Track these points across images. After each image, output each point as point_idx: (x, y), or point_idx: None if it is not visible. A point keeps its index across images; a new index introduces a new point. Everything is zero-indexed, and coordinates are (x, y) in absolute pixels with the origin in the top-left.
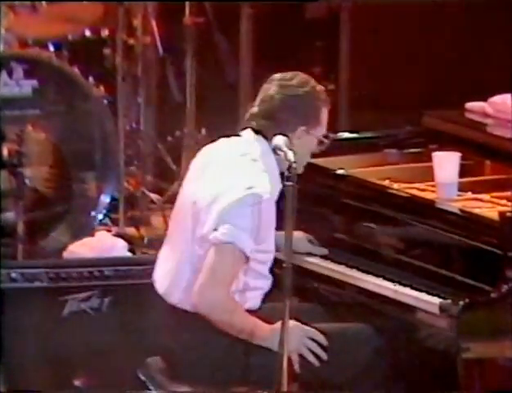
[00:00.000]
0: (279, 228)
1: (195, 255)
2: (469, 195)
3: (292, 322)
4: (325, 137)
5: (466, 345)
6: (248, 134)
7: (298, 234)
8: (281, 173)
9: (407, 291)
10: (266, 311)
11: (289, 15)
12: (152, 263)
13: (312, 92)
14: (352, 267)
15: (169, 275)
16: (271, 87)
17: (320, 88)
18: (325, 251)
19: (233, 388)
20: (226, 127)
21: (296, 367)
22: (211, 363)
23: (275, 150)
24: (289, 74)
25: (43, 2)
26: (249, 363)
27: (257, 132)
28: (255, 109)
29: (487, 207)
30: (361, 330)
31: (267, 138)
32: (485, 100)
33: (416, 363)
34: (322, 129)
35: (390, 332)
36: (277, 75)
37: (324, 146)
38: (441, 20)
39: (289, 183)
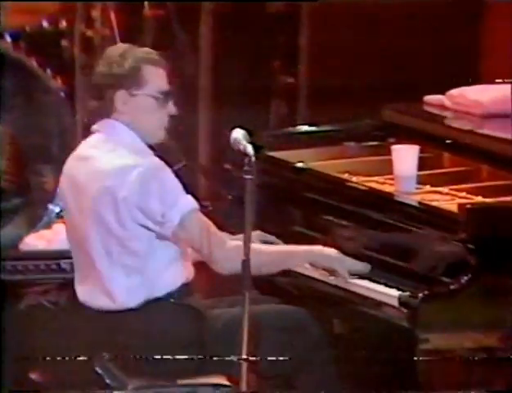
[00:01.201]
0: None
1: (121, 254)
2: (428, 188)
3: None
4: (164, 93)
5: (425, 337)
6: (96, 127)
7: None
8: (149, 146)
9: (366, 283)
10: (226, 303)
11: (250, 9)
12: None
13: (122, 54)
14: None
15: (90, 282)
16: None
17: (140, 49)
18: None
19: (189, 379)
20: (185, 119)
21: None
22: (164, 355)
23: (234, 143)
24: (106, 52)
25: None
26: (202, 353)
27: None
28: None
29: (446, 200)
30: (301, 312)
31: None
32: (443, 93)
33: (375, 355)
34: (154, 87)
35: (349, 324)
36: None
37: (167, 102)
38: (401, 14)
39: (249, 177)
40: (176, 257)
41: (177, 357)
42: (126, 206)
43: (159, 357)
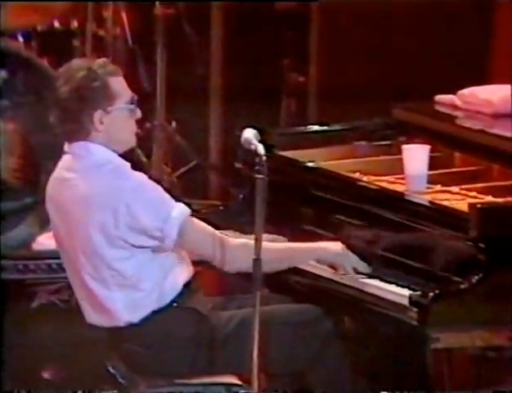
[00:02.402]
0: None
1: (107, 273)
2: (439, 187)
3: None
4: (131, 103)
5: (436, 336)
6: (69, 149)
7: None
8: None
9: (377, 282)
10: (237, 303)
11: (260, 7)
12: None
13: (87, 74)
14: None
15: (92, 304)
16: (54, 91)
17: (98, 62)
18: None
19: (198, 378)
20: (196, 119)
21: None
22: (173, 357)
23: (245, 142)
24: (62, 70)
25: None
26: (212, 355)
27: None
28: (52, 118)
29: (457, 199)
30: (310, 310)
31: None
32: (454, 92)
33: (386, 354)
34: (122, 100)
35: (360, 323)
36: (57, 75)
37: (137, 113)
38: (411, 13)
39: (260, 176)
40: (173, 263)
41: (187, 358)
42: (118, 231)
43: (169, 358)
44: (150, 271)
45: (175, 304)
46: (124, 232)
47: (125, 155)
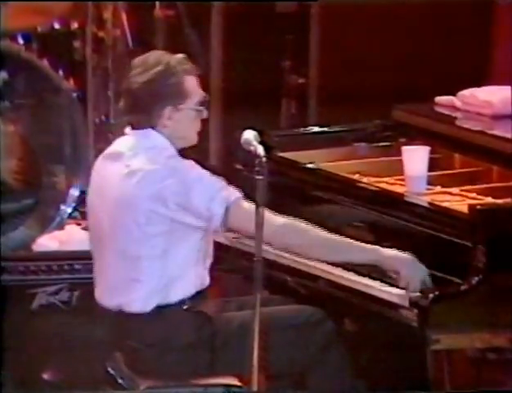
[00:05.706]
0: None
1: (131, 256)
2: (439, 188)
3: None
4: (202, 104)
5: (436, 337)
6: (130, 131)
7: None
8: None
9: (377, 284)
10: (237, 304)
11: (260, 9)
12: None
13: (165, 69)
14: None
15: (107, 283)
16: (129, 79)
17: (176, 59)
18: None
19: (198, 380)
20: None
21: None
22: (175, 358)
23: (245, 144)
24: (140, 60)
25: None
26: (213, 357)
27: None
28: (121, 104)
29: (457, 200)
30: (311, 311)
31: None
32: (454, 93)
33: (386, 355)
34: (194, 99)
35: (360, 324)
36: (133, 64)
37: (204, 113)
38: (412, 13)
39: (260, 177)
40: (193, 264)
41: (188, 359)
42: (161, 207)
43: (170, 358)
44: (173, 262)
45: (185, 307)
46: (173, 209)
47: None
